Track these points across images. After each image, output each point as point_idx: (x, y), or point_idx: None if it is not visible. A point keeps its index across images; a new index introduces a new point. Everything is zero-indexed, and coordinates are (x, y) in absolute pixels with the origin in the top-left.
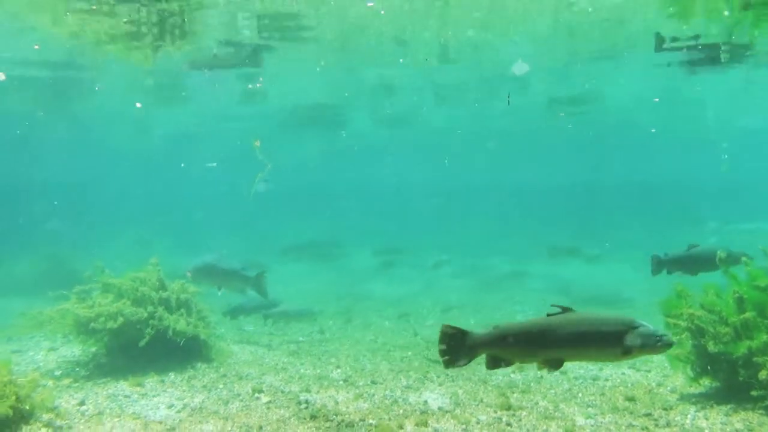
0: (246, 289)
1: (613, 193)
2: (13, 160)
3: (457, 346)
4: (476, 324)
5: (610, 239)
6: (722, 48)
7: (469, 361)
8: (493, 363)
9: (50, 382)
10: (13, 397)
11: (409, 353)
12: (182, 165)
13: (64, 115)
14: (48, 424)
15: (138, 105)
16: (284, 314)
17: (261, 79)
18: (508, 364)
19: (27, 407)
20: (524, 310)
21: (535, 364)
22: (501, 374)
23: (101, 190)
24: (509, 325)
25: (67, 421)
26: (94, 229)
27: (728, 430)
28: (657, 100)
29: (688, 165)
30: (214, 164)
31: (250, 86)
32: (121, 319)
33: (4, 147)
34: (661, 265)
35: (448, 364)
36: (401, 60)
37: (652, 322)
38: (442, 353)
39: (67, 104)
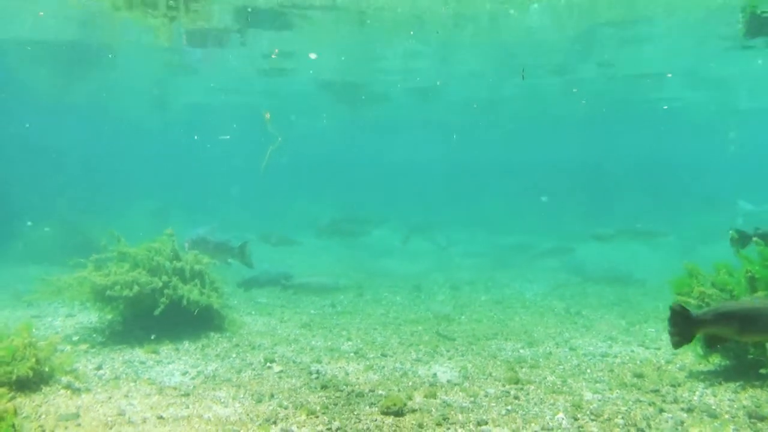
0: (232, 259)
1: (630, 172)
2: (30, 130)
3: (682, 326)
4: (487, 300)
5: (626, 219)
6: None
7: (690, 341)
8: (711, 342)
9: (68, 347)
10: (33, 359)
11: (420, 328)
12: (195, 137)
13: (81, 84)
14: (67, 386)
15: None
16: (306, 287)
17: (276, 50)
18: (724, 342)
19: (46, 369)
20: (534, 289)
21: (545, 342)
22: (510, 350)
23: (120, 161)
24: (734, 305)
25: (85, 384)
26: (113, 199)
27: (735, 406)
28: (670, 75)
29: (711, 144)
30: (228, 137)
31: (273, 56)
32: (136, 288)
33: (23, 117)
34: (744, 239)
35: (677, 344)
36: (411, 32)
37: (664, 301)
38: (672, 334)
39: (84, 74)
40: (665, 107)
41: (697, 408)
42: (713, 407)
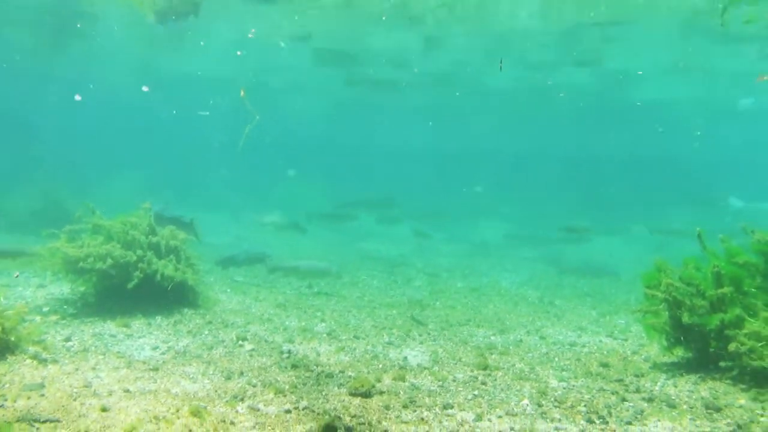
0: (183, 233)
1: (611, 167)
2: (11, 99)
3: None
4: (463, 287)
5: (606, 214)
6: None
7: None
8: None
9: (38, 318)
10: None
11: (394, 311)
12: (174, 112)
13: (62, 55)
14: (33, 356)
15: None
16: (296, 270)
17: (253, 30)
18: None
19: (12, 339)
20: (510, 278)
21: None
22: (482, 336)
23: (106, 133)
24: None
25: (52, 355)
26: (94, 172)
27: (694, 397)
28: (641, 73)
29: (695, 140)
30: (207, 113)
31: (249, 35)
32: (110, 261)
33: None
34: None
35: None
36: (384, 17)
37: (636, 294)
38: None
39: (65, 43)
40: (639, 103)
41: (657, 398)
42: (673, 397)
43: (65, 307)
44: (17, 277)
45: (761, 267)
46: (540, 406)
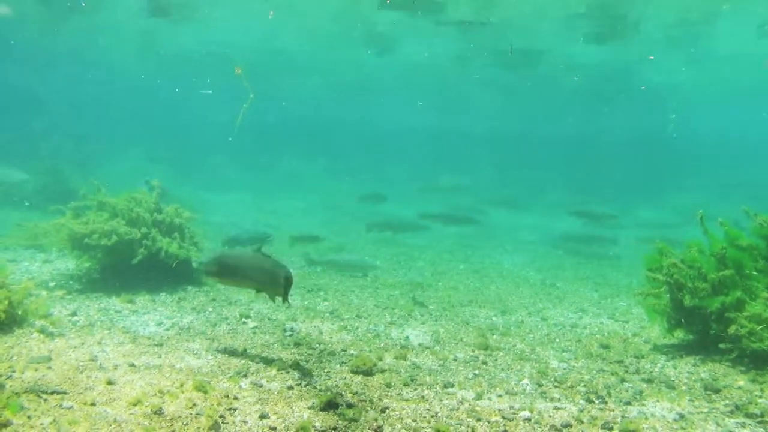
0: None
1: (622, 149)
2: (16, 74)
3: None
4: (465, 269)
5: (618, 199)
6: None
7: None
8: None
9: (44, 292)
10: (6, 302)
11: (396, 292)
12: (176, 90)
13: (66, 28)
14: (40, 330)
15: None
16: (334, 264)
17: (271, 12)
18: None
19: (20, 312)
20: (513, 259)
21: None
22: (483, 317)
23: (114, 110)
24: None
25: (58, 329)
26: (101, 148)
27: (693, 378)
28: (652, 57)
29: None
30: (210, 92)
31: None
32: (114, 238)
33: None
34: None
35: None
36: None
37: (638, 277)
38: None
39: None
40: (643, 87)
41: (656, 379)
42: (672, 379)
43: (71, 282)
44: None
45: (763, 250)
46: (540, 385)
